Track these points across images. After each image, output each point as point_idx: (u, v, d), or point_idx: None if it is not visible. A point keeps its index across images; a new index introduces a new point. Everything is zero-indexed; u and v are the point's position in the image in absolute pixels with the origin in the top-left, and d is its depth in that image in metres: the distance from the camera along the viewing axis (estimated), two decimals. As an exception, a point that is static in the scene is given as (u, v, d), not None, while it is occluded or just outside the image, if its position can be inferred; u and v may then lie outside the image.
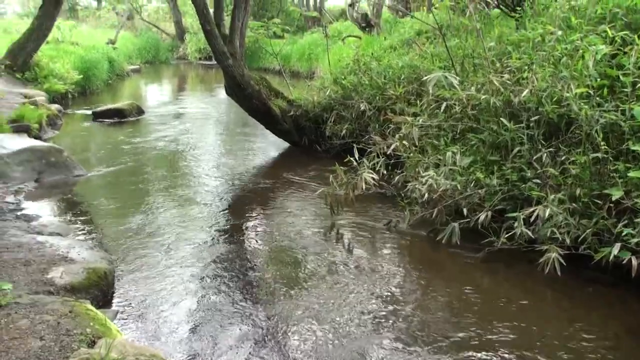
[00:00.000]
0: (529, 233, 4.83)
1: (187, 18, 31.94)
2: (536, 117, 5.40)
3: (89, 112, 12.84)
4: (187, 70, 27.89)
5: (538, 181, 5.11)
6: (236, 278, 4.86)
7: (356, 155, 6.15)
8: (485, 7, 8.74)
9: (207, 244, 5.58)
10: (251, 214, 6.53)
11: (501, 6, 9.26)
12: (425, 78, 6.15)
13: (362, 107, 8.16)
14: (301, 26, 25.90)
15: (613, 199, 4.49)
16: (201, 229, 5.96)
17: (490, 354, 3.80)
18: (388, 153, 6.24)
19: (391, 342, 3.92)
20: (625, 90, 4.90)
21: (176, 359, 3.74)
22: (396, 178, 6.32)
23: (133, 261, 5.13)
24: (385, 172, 6.18)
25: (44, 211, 6.34)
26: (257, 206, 6.79)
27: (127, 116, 12.63)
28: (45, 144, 8.10)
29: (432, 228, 5.66)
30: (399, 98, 7.51)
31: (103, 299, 4.37)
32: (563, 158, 5.10)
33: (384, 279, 4.87)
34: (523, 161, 5.34)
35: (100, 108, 12.87)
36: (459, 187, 5.44)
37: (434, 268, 5.16)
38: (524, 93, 5.38)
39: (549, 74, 5.42)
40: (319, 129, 9.11)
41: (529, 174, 5.20)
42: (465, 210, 5.36)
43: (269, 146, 9.96)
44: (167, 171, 8.31)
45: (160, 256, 5.24)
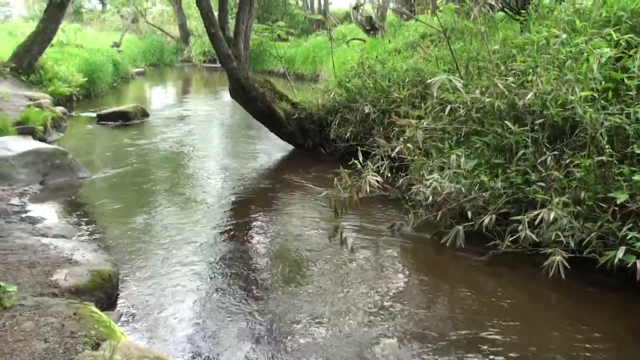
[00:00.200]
0: (534, 236, 4.82)
1: (192, 21, 32.04)
2: (541, 120, 5.40)
3: (94, 115, 12.87)
4: (192, 72, 27.96)
5: (542, 184, 5.09)
6: (240, 280, 4.86)
7: (360, 158, 6.15)
8: (489, 10, 8.72)
9: (211, 247, 5.58)
10: (255, 217, 6.53)
11: (506, 9, 9.26)
12: (429, 81, 6.14)
13: (367, 110, 8.17)
14: (305, 29, 25.92)
15: (618, 203, 4.48)
16: (205, 231, 5.97)
17: (494, 357, 3.79)
18: (392, 156, 6.24)
19: (395, 344, 3.91)
20: (630, 93, 4.89)
21: (180, 362, 3.76)
22: (400, 181, 6.31)
23: (137, 263, 5.14)
24: (389, 175, 6.18)
25: (49, 213, 6.35)
26: (261, 208, 6.79)
27: (132, 119, 12.64)
28: (50, 147, 8.12)
29: (437, 231, 5.65)
30: (404, 101, 7.50)
31: (107, 301, 4.37)
32: (567, 161, 5.09)
33: (388, 282, 4.87)
34: (527, 164, 5.33)
35: (104, 111, 12.91)
36: (464, 190, 5.44)
37: (438, 271, 5.16)
38: (529, 96, 5.38)
39: (554, 77, 5.41)
40: (323, 132, 9.12)
41: (534, 177, 5.19)
42: (469, 213, 5.36)
43: (273, 149, 9.96)
44: (172, 173, 8.33)
45: (164, 258, 5.24)
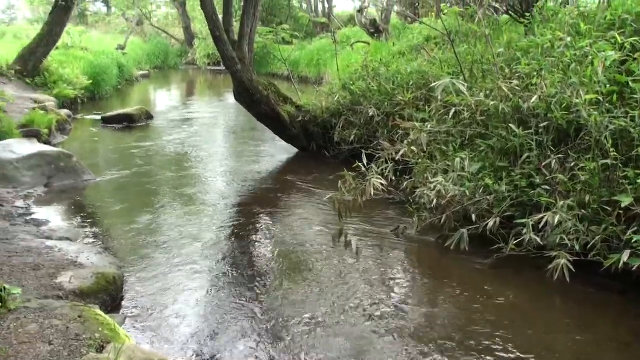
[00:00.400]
0: (538, 239, 4.80)
1: (196, 24, 32.12)
2: (545, 123, 5.39)
3: (98, 117, 12.92)
4: (196, 75, 28.02)
5: (547, 187, 5.08)
6: (245, 283, 4.86)
7: (365, 160, 6.14)
8: (494, 13, 8.73)
9: (216, 249, 5.59)
10: (259, 219, 6.54)
11: (510, 12, 9.26)
12: (433, 84, 6.15)
13: (371, 113, 8.17)
14: (310, 32, 25.95)
15: (622, 206, 4.47)
16: (209, 234, 5.97)
17: (499, 361, 3.80)
18: (397, 159, 6.23)
19: (399, 346, 3.90)
20: (634, 96, 4.89)
21: (184, 364, 3.76)
22: (405, 184, 6.30)
23: (142, 266, 5.14)
24: (393, 178, 6.16)
25: (54, 216, 6.37)
26: (265, 211, 6.79)
27: (136, 121, 12.68)
28: (54, 149, 8.15)
29: (441, 234, 5.64)
30: (408, 104, 7.51)
31: (112, 304, 4.38)
32: (572, 164, 5.08)
33: (392, 285, 4.86)
34: (532, 167, 5.32)
35: (109, 113, 12.94)
36: (468, 193, 5.43)
37: (443, 274, 5.15)
38: (533, 99, 5.37)
39: (558, 80, 5.40)
40: (328, 135, 9.13)
41: (538, 180, 5.17)
42: (474, 216, 5.34)
43: (277, 151, 9.97)
44: (176, 176, 8.34)
45: (169, 261, 5.25)
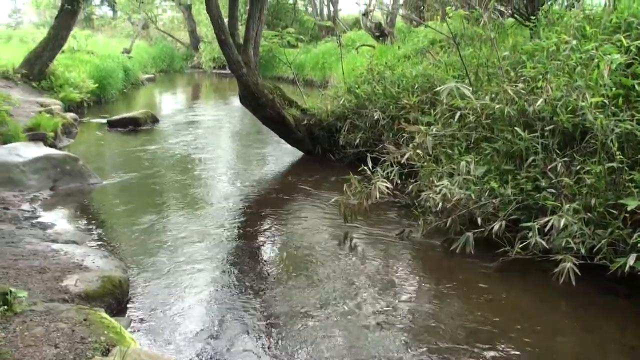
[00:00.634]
0: (544, 243, 4.79)
1: (202, 27, 32.20)
2: (551, 127, 5.38)
3: (104, 121, 12.96)
4: (202, 79, 28.09)
5: (553, 191, 5.07)
6: (251, 287, 4.86)
7: (370, 164, 6.15)
8: (499, 16, 8.72)
9: (221, 253, 5.59)
10: (265, 223, 6.54)
11: (515, 15, 9.24)
12: (438, 88, 6.14)
13: (376, 116, 8.17)
14: (315, 35, 26.00)
15: (628, 209, 4.45)
16: (215, 238, 5.97)
17: (504, 365, 3.78)
18: (402, 162, 6.24)
19: (403, 349, 3.90)
20: (640, 99, 4.88)
21: (189, 368, 3.76)
22: (410, 187, 6.30)
23: (147, 269, 5.15)
24: (399, 181, 6.17)
25: (59, 219, 6.39)
26: (271, 215, 6.80)
27: (142, 125, 12.72)
28: (60, 153, 8.17)
29: (446, 237, 5.64)
30: (413, 107, 7.50)
31: (117, 307, 4.38)
32: (578, 167, 5.06)
33: (397, 288, 4.86)
34: (537, 170, 5.31)
35: (115, 117, 13.00)
36: (473, 197, 5.42)
37: (448, 277, 5.13)
38: (539, 102, 5.36)
39: (564, 83, 5.39)
40: (333, 138, 9.13)
41: (544, 184, 5.16)
42: (479, 219, 5.33)
43: (283, 155, 9.98)
44: (181, 179, 8.35)
45: (174, 264, 5.25)
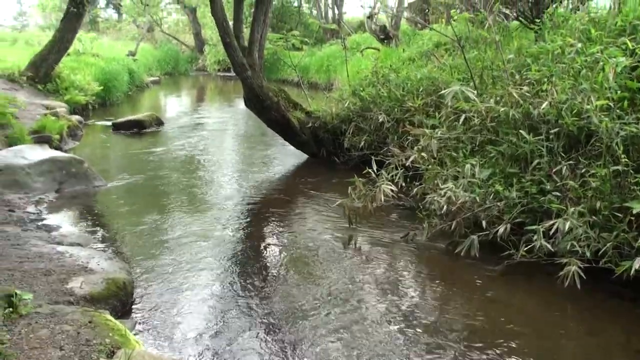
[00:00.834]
0: (549, 246, 4.78)
1: (207, 30, 32.27)
2: (556, 130, 5.38)
3: (109, 123, 13.00)
4: (206, 81, 28.14)
5: (558, 194, 5.06)
6: (255, 289, 4.86)
7: (374, 167, 6.15)
8: (504, 19, 8.71)
9: (226, 255, 5.60)
10: (269, 226, 6.55)
11: (520, 18, 9.24)
12: (443, 91, 6.14)
13: (381, 119, 8.17)
14: (320, 38, 26.02)
15: (634, 212, 4.44)
16: (219, 240, 5.98)
17: (509, 369, 3.78)
18: (406, 165, 6.23)
19: (409, 352, 3.89)
20: (646, 102, 4.87)
21: (194, 370, 3.76)
22: (415, 190, 6.29)
23: (152, 272, 5.16)
24: (403, 184, 6.17)
25: (65, 221, 6.40)
26: (275, 217, 6.81)
27: (147, 127, 12.74)
28: (65, 155, 8.19)
29: (451, 240, 5.63)
30: (418, 110, 7.50)
31: (122, 309, 4.39)
32: (583, 171, 5.06)
33: (402, 291, 4.85)
34: (542, 174, 5.30)
35: (120, 119, 13.03)
36: (478, 200, 5.41)
37: (453, 280, 5.13)
38: (544, 105, 5.36)
39: (569, 86, 5.39)
40: (337, 141, 9.13)
41: (549, 187, 5.15)
42: (484, 222, 5.33)
43: (287, 157, 9.99)
44: (186, 182, 8.36)
45: (179, 266, 5.26)
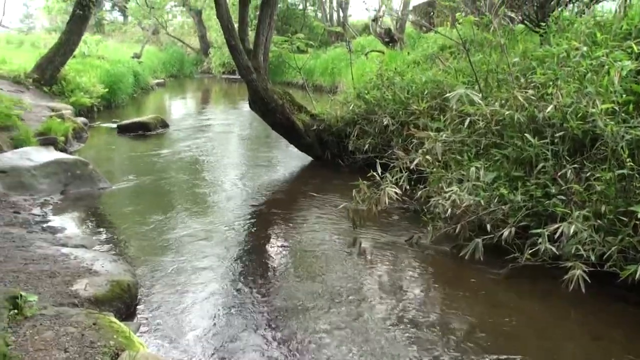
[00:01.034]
0: (554, 249, 4.77)
1: (212, 33, 32.31)
2: (561, 133, 5.36)
3: (114, 125, 13.00)
4: (211, 84, 28.17)
5: (563, 197, 5.05)
6: (259, 292, 4.86)
7: (379, 169, 6.15)
8: (509, 23, 8.71)
9: (230, 258, 5.60)
10: (273, 228, 6.55)
11: (525, 22, 9.23)
12: (448, 95, 6.14)
13: (385, 122, 8.16)
14: (325, 41, 26.03)
15: (639, 216, 4.43)
16: (224, 243, 5.99)
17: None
18: (411, 168, 6.23)
19: (411, 354, 3.89)
20: (651, 106, 4.86)
21: (198, 373, 3.76)
22: (419, 193, 6.29)
23: (156, 273, 5.16)
24: (408, 187, 6.16)
25: (69, 223, 6.42)
26: (279, 220, 6.81)
27: (152, 129, 12.76)
28: (71, 157, 8.22)
29: (455, 244, 5.62)
30: (422, 113, 7.49)
31: (126, 312, 4.40)
32: (588, 174, 5.05)
33: (406, 294, 4.85)
34: (547, 177, 5.29)
35: (125, 121, 13.04)
36: (483, 203, 5.41)
37: (457, 284, 5.12)
38: (549, 109, 5.35)
39: (574, 90, 5.38)
40: (342, 144, 9.13)
41: (554, 190, 5.14)
42: (488, 226, 5.31)
43: (292, 160, 9.99)
44: (191, 184, 8.37)
45: (183, 268, 5.26)
